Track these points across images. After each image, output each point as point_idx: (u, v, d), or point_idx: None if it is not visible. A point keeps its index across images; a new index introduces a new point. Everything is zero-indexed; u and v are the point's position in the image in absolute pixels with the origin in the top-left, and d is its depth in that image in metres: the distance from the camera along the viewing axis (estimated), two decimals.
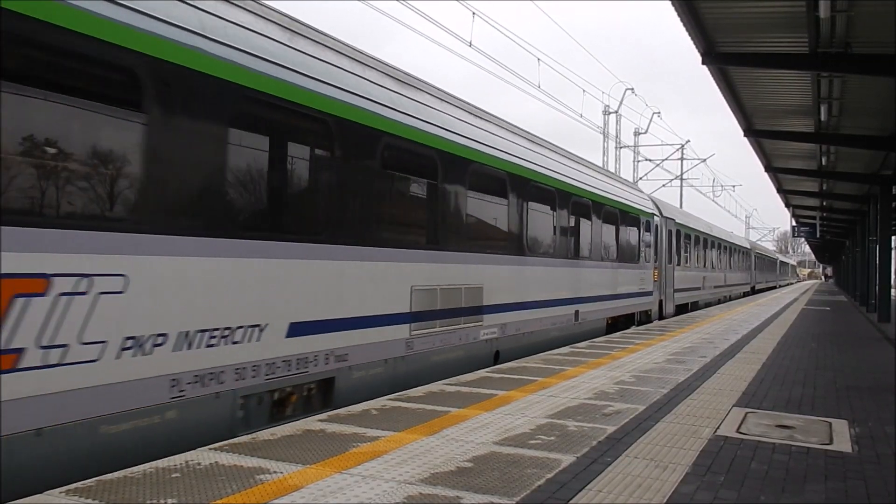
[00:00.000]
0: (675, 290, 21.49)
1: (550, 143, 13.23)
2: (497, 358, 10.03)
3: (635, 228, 17.17)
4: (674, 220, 21.59)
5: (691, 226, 25.06)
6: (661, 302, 19.68)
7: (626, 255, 16.46)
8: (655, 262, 19.03)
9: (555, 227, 12.34)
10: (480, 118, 10.20)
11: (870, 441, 5.67)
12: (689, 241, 24.46)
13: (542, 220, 11.86)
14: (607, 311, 15.14)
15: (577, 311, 13.24)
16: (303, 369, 6.29)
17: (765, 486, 4.36)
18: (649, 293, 18.46)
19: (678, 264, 22.12)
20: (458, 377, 8.20)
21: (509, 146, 10.66)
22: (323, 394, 6.63)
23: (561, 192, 12.42)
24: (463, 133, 9.20)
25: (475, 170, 9.44)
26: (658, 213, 19.65)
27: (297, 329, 6.21)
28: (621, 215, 15.92)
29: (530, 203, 11.17)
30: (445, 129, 8.74)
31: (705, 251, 27.67)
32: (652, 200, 20.29)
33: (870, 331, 17.52)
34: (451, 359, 8.77)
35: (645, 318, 18.24)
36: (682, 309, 22.99)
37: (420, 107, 8.32)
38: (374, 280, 7.29)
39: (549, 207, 12.07)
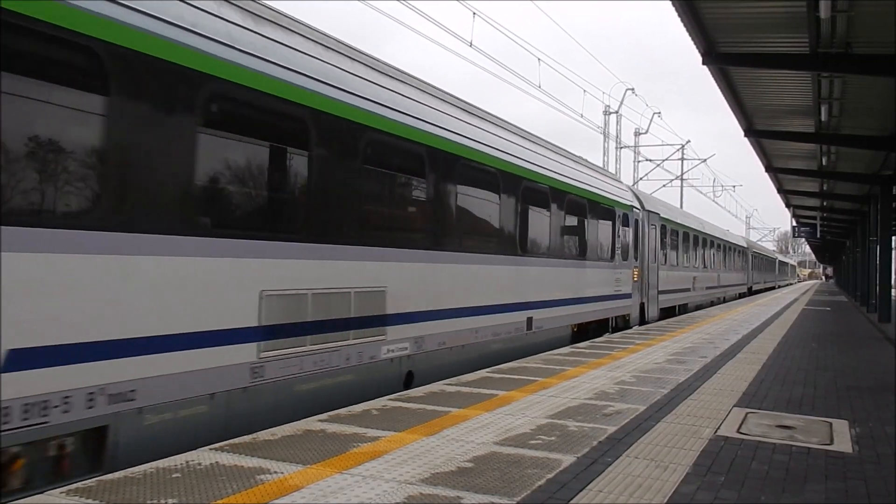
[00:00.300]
0: (660, 292, 19.66)
1: (495, 117, 11.16)
2: (410, 381, 8.08)
3: (610, 222, 15.14)
4: (658, 214, 19.79)
5: (679, 221, 23.24)
6: (643, 305, 17.90)
7: (598, 253, 14.43)
8: (636, 260, 17.21)
9: (498, 217, 10.26)
10: (387, 76, 8.12)
11: (870, 441, 5.67)
12: (677, 238, 22.60)
13: (479, 208, 9.91)
14: (572, 316, 13.04)
15: (529, 318, 11.17)
16: (38, 419, 4.27)
17: (765, 487, 4.36)
18: (627, 296, 16.45)
19: (664, 263, 20.30)
20: (458, 377, 8.18)
21: (430, 114, 8.61)
22: (89, 452, 4.66)
23: (507, 175, 10.40)
24: (354, 90, 7.17)
25: (373, 139, 7.40)
26: (639, 207, 17.82)
27: (25, 359, 4.20)
28: (591, 206, 13.86)
29: (462, 186, 9.17)
30: (323, 83, 6.71)
31: (696, 249, 25.72)
32: (633, 192, 18.57)
33: (870, 331, 17.52)
34: (331, 386, 6.75)
35: (622, 323, 16.39)
36: (669, 313, 21.23)
37: (279, 49, 6.28)
38: (187, 283, 5.25)
39: (490, 193, 10.05)
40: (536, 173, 11.44)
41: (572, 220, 13.07)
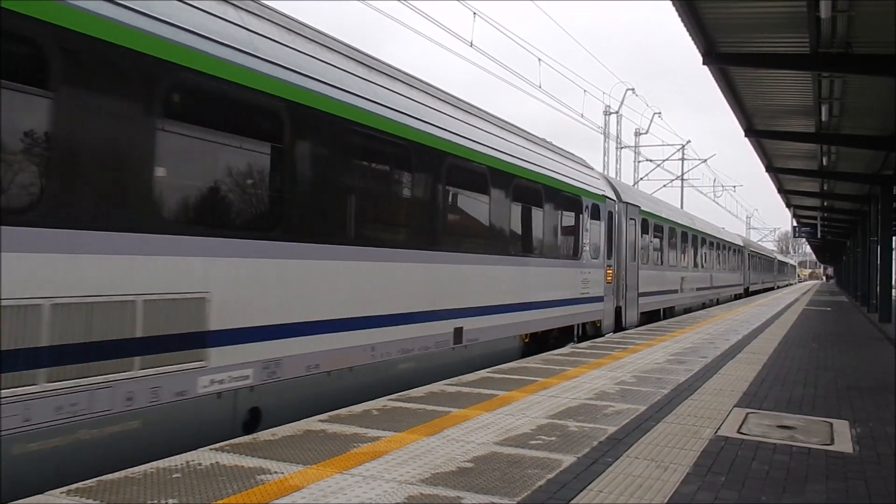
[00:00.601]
0: (641, 294, 17.71)
1: (410, 76, 8.97)
2: (256, 421, 5.98)
3: (574, 213, 13.30)
4: (638, 207, 17.79)
5: (664, 215, 20.83)
6: (619, 309, 15.98)
7: (557, 249, 12.60)
8: (610, 258, 15.29)
9: (407, 202, 8.40)
10: None
11: (871, 441, 5.67)
12: (662, 234, 20.41)
13: (376, 188, 8.02)
14: (520, 325, 10.99)
15: (458, 329, 9.17)
16: None
17: (766, 487, 4.36)
18: (598, 299, 14.47)
19: (645, 262, 18.36)
20: (458, 377, 8.17)
21: (278, 52, 6.28)
22: None
23: (421, 149, 8.35)
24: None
25: (179, 80, 5.29)
26: (614, 197, 15.85)
27: None
28: (548, 193, 11.93)
29: (348, 158, 7.19)
30: None
31: (685, 247, 23.70)
32: (606, 180, 16.72)
33: (871, 331, 17.52)
34: (96, 441, 4.66)
35: (593, 330, 14.51)
36: (652, 317, 19.39)
37: None
38: None
39: (393, 169, 8.24)
40: (467, 149, 9.43)
41: (521, 210, 11.11)
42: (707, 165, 49.21)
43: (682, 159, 45.16)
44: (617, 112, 39.21)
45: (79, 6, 4.60)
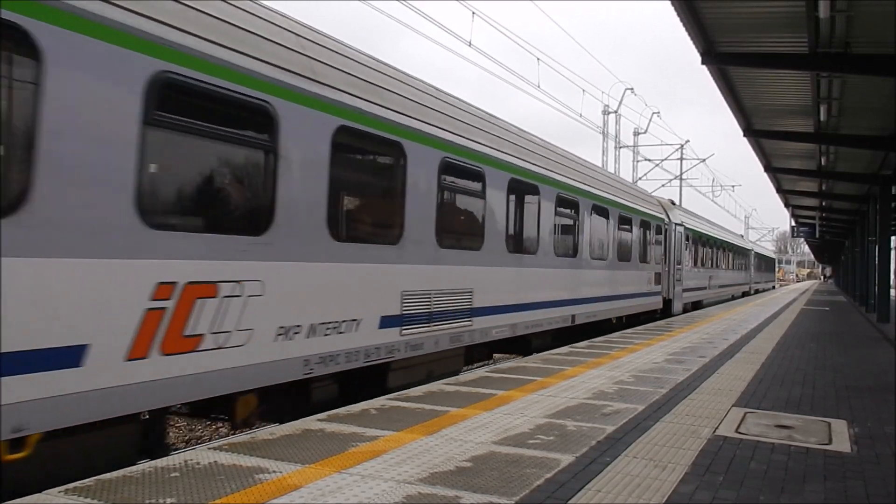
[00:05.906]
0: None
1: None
2: None
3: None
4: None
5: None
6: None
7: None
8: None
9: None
10: None
11: (869, 441, 5.67)
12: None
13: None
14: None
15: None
16: None
17: (764, 486, 4.36)
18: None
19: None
20: (456, 377, 8.17)
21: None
22: None
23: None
24: None
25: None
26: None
27: None
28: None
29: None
30: None
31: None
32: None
33: (869, 331, 17.53)
34: None
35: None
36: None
37: None
38: None
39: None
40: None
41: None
42: (706, 165, 49.18)
43: (681, 159, 45.13)
44: (616, 111, 39.20)
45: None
